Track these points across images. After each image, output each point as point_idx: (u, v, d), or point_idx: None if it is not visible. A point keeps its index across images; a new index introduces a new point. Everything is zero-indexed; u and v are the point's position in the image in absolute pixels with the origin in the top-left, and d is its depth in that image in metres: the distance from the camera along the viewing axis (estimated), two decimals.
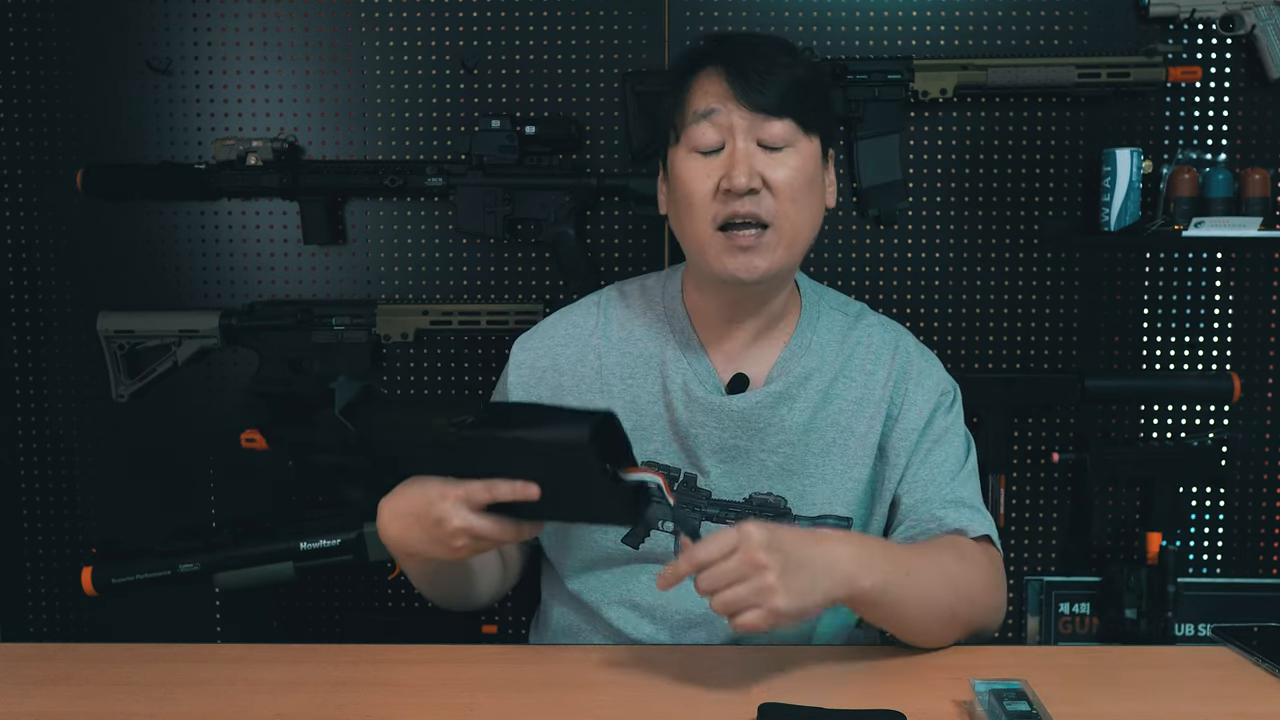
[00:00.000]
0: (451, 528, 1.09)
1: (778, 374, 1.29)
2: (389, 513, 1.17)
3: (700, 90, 1.22)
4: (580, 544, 1.30)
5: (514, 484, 1.07)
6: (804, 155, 1.22)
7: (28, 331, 2.03)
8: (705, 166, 1.21)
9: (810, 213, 1.24)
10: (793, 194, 1.20)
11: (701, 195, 1.21)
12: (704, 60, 1.23)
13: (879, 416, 1.29)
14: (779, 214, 1.20)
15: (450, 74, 1.97)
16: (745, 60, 1.21)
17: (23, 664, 1.16)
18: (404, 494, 1.17)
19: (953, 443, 1.30)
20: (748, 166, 1.19)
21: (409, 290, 2.00)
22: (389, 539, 1.18)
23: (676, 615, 1.27)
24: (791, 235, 1.22)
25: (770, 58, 1.21)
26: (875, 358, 1.31)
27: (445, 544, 1.11)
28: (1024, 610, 2.01)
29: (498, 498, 1.08)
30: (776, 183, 1.20)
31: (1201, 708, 1.05)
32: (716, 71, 1.22)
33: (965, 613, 1.19)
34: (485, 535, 1.09)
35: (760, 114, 1.20)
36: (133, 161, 1.97)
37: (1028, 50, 1.94)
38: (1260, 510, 2.02)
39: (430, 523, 1.11)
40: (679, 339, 1.31)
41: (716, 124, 1.21)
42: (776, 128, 1.20)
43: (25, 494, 2.05)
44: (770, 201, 1.20)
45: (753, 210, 1.19)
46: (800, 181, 1.21)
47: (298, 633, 2.05)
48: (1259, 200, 1.86)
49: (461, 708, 1.05)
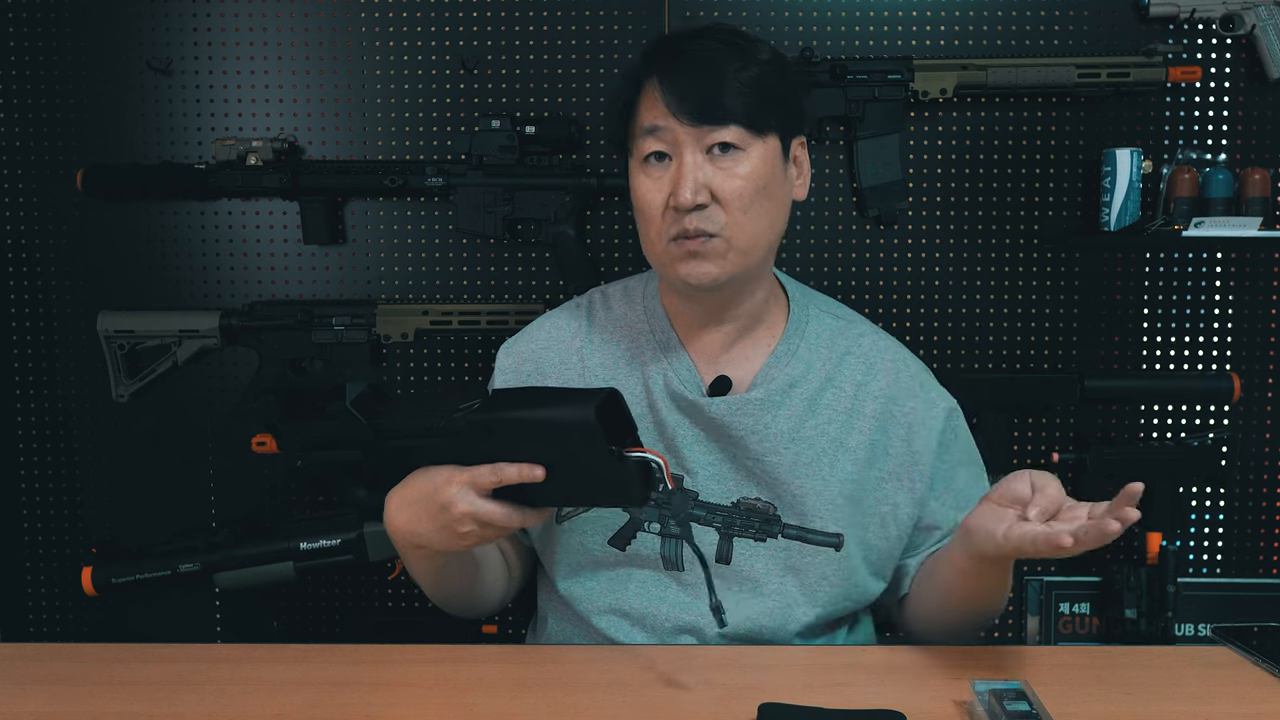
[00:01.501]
0: (458, 512, 1.09)
1: (761, 380, 1.28)
2: (396, 502, 1.17)
3: (645, 103, 1.21)
4: (567, 546, 1.30)
5: (519, 465, 1.07)
6: (757, 158, 1.20)
7: (28, 331, 2.03)
8: (655, 181, 1.21)
9: (767, 218, 1.22)
10: (743, 204, 1.19)
11: (653, 210, 1.21)
12: (646, 72, 1.22)
13: (870, 431, 1.28)
14: (729, 225, 1.19)
15: (450, 74, 1.97)
16: (685, 71, 1.18)
17: (23, 664, 1.16)
18: (411, 483, 1.17)
19: (973, 466, 1.33)
20: (693, 182, 1.17)
21: (409, 290, 2.00)
22: (396, 529, 1.18)
23: (666, 623, 1.26)
24: (744, 244, 1.20)
25: (714, 63, 1.18)
26: (868, 368, 1.30)
27: (451, 530, 1.11)
28: (1024, 610, 2.01)
29: (504, 480, 1.08)
30: (725, 195, 1.18)
31: (1201, 708, 1.05)
32: (657, 85, 1.20)
33: (993, 615, 1.29)
34: (491, 520, 1.09)
35: (704, 125, 1.18)
36: (133, 161, 1.97)
37: (1028, 50, 1.94)
38: (1260, 510, 2.02)
39: (436, 508, 1.10)
40: (659, 339, 1.30)
41: (662, 139, 1.20)
42: (724, 135, 1.18)
43: (25, 494, 2.05)
44: (719, 214, 1.18)
45: (700, 226, 1.18)
46: (751, 190, 1.19)
47: (298, 633, 2.05)
48: (1259, 200, 1.86)
49: (461, 708, 1.05)
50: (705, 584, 1.19)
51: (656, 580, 1.27)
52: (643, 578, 1.27)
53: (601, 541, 1.28)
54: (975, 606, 1.23)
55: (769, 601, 1.25)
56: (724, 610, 1.18)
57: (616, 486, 1.09)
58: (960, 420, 1.33)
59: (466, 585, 1.30)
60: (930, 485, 1.29)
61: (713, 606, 1.17)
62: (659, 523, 1.26)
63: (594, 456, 1.06)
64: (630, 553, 1.27)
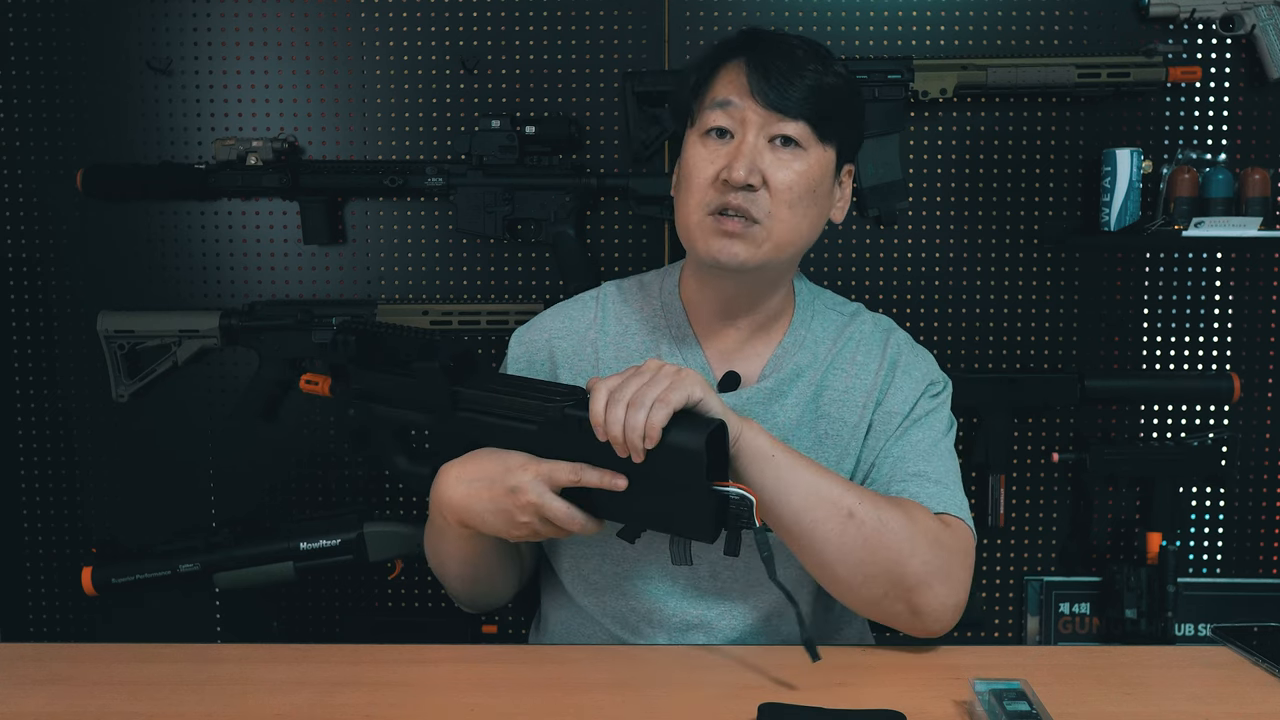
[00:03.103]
0: (524, 500, 1.09)
1: (770, 371, 1.28)
2: (455, 476, 1.16)
3: (722, 80, 1.22)
4: (574, 540, 1.29)
5: (603, 472, 1.06)
6: (813, 161, 1.21)
7: (28, 331, 2.03)
8: (711, 153, 1.21)
9: (808, 221, 1.23)
10: (791, 198, 1.20)
11: (701, 179, 1.21)
12: (733, 51, 1.23)
13: (869, 406, 1.28)
14: (772, 215, 1.19)
15: (450, 74, 1.97)
16: (771, 57, 1.20)
17: (23, 664, 1.16)
18: (477, 460, 1.15)
19: (932, 425, 1.27)
20: (750, 161, 1.18)
21: (409, 290, 2.00)
22: (449, 502, 1.16)
23: (674, 619, 1.27)
24: (781, 238, 1.20)
25: (796, 59, 1.20)
26: (866, 350, 1.31)
27: (510, 517, 1.11)
28: (1024, 610, 2.01)
29: (582, 482, 1.07)
30: (777, 184, 1.19)
31: (1201, 708, 1.05)
32: (741, 64, 1.21)
33: (891, 554, 1.11)
34: (554, 518, 1.09)
35: (774, 112, 1.19)
36: (133, 161, 1.98)
37: (1028, 50, 1.94)
38: (1260, 510, 2.02)
39: (503, 490, 1.10)
40: (674, 334, 1.30)
41: (731, 115, 1.21)
42: (789, 128, 1.19)
43: (26, 494, 2.05)
44: (766, 201, 1.19)
45: (745, 206, 1.18)
46: (802, 187, 1.20)
47: (298, 633, 2.05)
48: (1259, 200, 1.86)
49: (461, 708, 1.05)
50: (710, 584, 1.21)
51: (665, 575, 1.27)
52: (651, 573, 1.27)
53: (609, 536, 1.27)
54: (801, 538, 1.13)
55: (776, 591, 1.25)
56: (815, 645, 1.09)
57: (695, 518, 1.06)
58: (937, 394, 1.31)
59: (492, 569, 1.28)
60: (885, 442, 1.26)
61: (805, 641, 1.09)
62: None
63: (687, 485, 1.03)
64: (639, 547, 1.27)
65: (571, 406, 1.09)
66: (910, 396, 1.28)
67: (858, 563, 1.11)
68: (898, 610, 1.14)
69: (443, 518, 1.19)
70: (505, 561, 1.29)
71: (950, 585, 1.14)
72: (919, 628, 1.15)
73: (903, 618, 1.14)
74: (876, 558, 1.11)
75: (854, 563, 1.11)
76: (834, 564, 1.12)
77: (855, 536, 1.11)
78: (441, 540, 1.24)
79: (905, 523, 1.13)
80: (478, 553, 1.24)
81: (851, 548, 1.11)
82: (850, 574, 1.12)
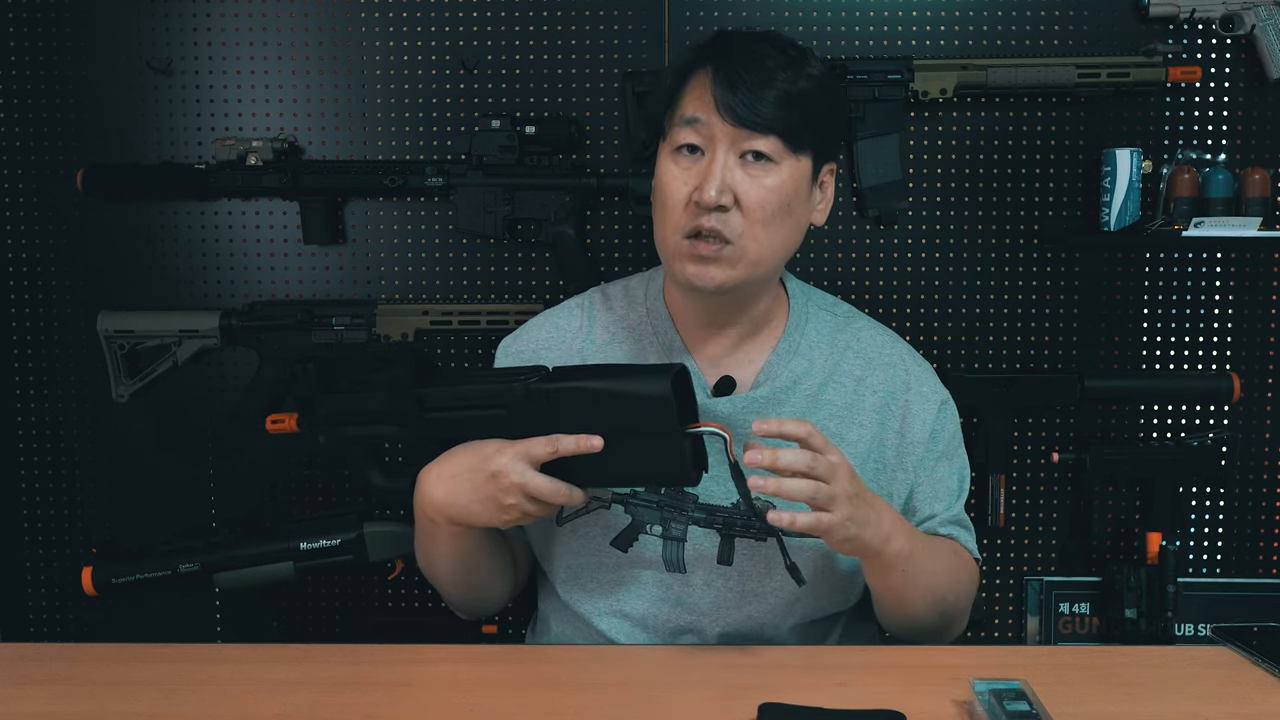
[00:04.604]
0: (507, 482, 1.09)
1: (765, 378, 1.28)
2: (435, 475, 1.17)
3: (691, 94, 1.20)
4: (568, 549, 1.29)
5: (576, 436, 1.08)
6: (787, 174, 1.19)
7: (28, 331, 2.03)
8: (683, 173, 1.20)
9: (782, 235, 1.21)
10: (764, 216, 1.18)
11: (674, 201, 1.20)
12: (700, 62, 1.21)
13: (870, 425, 1.28)
14: (745, 234, 1.18)
15: (450, 74, 1.97)
16: (738, 71, 1.17)
17: (23, 664, 1.16)
18: (454, 456, 1.16)
19: (957, 460, 1.33)
20: (720, 181, 1.16)
21: (409, 290, 2.00)
22: (433, 503, 1.17)
23: (668, 624, 1.27)
24: (755, 256, 1.19)
25: (765, 70, 1.17)
26: (867, 363, 1.31)
27: (496, 502, 1.11)
28: (1024, 610, 2.01)
29: (559, 452, 1.08)
30: (749, 203, 1.17)
31: (1201, 708, 1.05)
32: (707, 76, 1.19)
33: (951, 605, 1.26)
34: (539, 493, 1.10)
35: (743, 128, 1.17)
36: (133, 161, 1.97)
37: (1028, 50, 1.94)
38: (1260, 510, 2.02)
39: (484, 478, 1.11)
40: (661, 341, 1.29)
41: (699, 132, 1.19)
42: (759, 143, 1.17)
43: (26, 494, 2.05)
44: (738, 220, 1.17)
45: (717, 228, 1.17)
46: (775, 203, 1.18)
47: (298, 633, 2.05)
48: (1259, 200, 1.86)
49: (461, 708, 1.05)
50: (709, 584, 1.23)
51: (658, 582, 1.27)
52: (645, 579, 1.27)
53: (603, 544, 1.27)
54: (891, 600, 1.23)
55: (769, 600, 1.26)
56: (800, 570, 1.20)
57: (673, 465, 1.08)
58: (950, 413, 1.33)
59: (485, 570, 1.28)
60: (916, 473, 1.29)
61: (788, 567, 1.20)
62: (660, 524, 1.26)
63: (662, 433, 1.05)
64: (632, 555, 1.27)
65: (536, 382, 1.11)
66: (928, 420, 1.30)
67: (924, 618, 1.25)
68: (924, 637, 1.29)
69: (430, 520, 1.20)
70: (497, 560, 1.29)
71: (964, 622, 1.32)
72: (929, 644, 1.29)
73: None
74: (943, 618, 1.27)
75: (923, 622, 1.26)
76: (908, 622, 1.26)
77: (935, 608, 1.25)
78: (433, 543, 1.24)
79: (967, 588, 1.30)
80: (469, 551, 1.24)
81: (928, 615, 1.25)
82: (913, 627, 1.27)
